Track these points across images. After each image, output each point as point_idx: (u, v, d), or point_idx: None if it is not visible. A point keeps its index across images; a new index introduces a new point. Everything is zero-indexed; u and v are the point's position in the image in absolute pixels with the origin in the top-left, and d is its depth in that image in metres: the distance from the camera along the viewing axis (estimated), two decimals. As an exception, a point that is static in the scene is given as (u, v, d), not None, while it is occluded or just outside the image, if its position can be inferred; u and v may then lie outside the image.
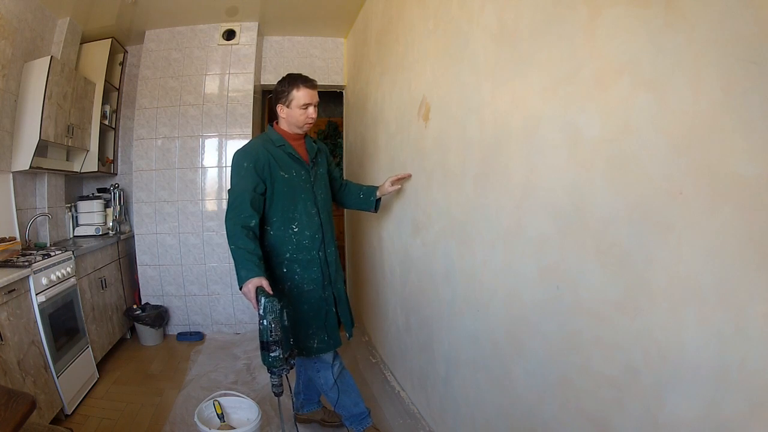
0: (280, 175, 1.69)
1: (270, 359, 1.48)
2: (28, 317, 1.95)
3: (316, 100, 1.74)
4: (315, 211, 1.77)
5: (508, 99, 1.27)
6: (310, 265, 1.75)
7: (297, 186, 1.72)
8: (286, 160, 1.72)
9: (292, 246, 1.73)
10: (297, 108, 1.71)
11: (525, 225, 1.22)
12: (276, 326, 1.45)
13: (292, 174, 1.72)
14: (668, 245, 0.79)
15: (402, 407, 2.19)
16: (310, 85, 1.72)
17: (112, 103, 3.50)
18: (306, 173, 1.76)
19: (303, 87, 1.71)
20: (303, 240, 1.74)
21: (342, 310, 1.86)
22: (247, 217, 1.62)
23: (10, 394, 1.05)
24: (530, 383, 1.23)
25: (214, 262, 3.32)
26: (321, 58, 3.67)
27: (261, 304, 1.45)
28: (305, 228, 1.74)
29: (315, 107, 1.74)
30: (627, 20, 0.86)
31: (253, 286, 1.49)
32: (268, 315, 1.44)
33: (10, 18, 2.35)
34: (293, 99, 1.71)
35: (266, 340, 1.46)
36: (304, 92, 1.70)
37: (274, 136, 1.76)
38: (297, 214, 1.73)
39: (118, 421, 2.10)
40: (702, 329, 0.74)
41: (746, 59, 0.65)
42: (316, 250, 1.76)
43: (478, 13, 1.42)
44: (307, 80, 1.72)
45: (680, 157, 0.76)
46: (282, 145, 1.73)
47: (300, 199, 1.73)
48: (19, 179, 2.56)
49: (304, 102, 1.71)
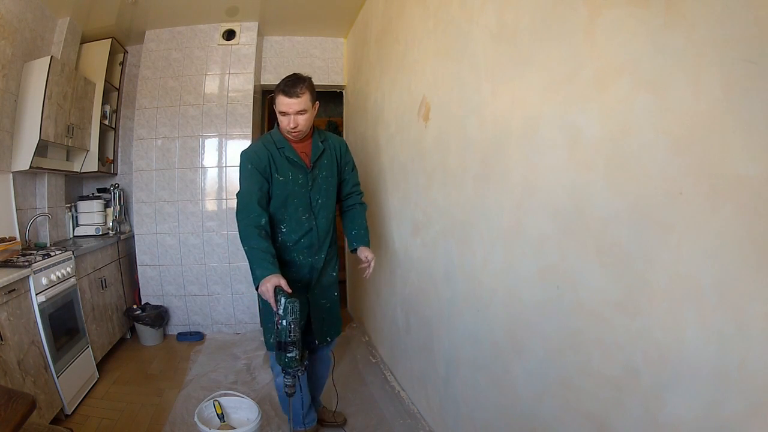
0: (275, 177, 1.68)
1: (286, 359, 1.46)
2: (28, 317, 1.94)
3: (295, 109, 1.60)
4: (308, 216, 1.72)
5: (508, 99, 1.28)
6: (289, 266, 1.72)
7: (291, 190, 1.69)
8: (283, 163, 1.69)
9: (276, 244, 1.70)
10: (278, 114, 1.65)
11: (525, 225, 1.22)
12: (295, 327, 1.44)
13: (288, 177, 1.69)
14: (668, 245, 0.79)
15: (402, 407, 2.19)
16: (286, 93, 1.58)
17: (112, 103, 3.50)
18: (304, 177, 1.71)
19: (280, 94, 1.60)
20: (287, 241, 1.72)
21: (316, 317, 1.79)
22: (257, 216, 1.61)
23: (10, 394, 1.05)
24: (530, 383, 1.23)
25: (214, 262, 3.32)
26: (321, 58, 3.66)
27: (281, 305, 1.43)
28: (292, 231, 1.72)
29: (295, 117, 1.61)
30: (627, 20, 0.86)
31: (272, 285, 1.47)
32: (288, 315, 1.42)
33: (10, 18, 2.35)
34: (275, 104, 1.64)
35: (284, 341, 1.44)
36: (281, 99, 1.60)
37: (277, 137, 1.72)
38: (287, 216, 1.71)
39: (118, 421, 2.10)
40: (702, 329, 0.74)
41: (746, 59, 0.65)
42: (298, 253, 1.73)
43: (478, 13, 1.42)
44: (289, 85, 1.59)
45: (680, 157, 0.76)
46: (282, 147, 1.70)
47: (291, 204, 1.70)
48: (19, 179, 2.56)
49: (281, 110, 1.62)
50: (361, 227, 1.87)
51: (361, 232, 1.86)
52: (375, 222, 2.72)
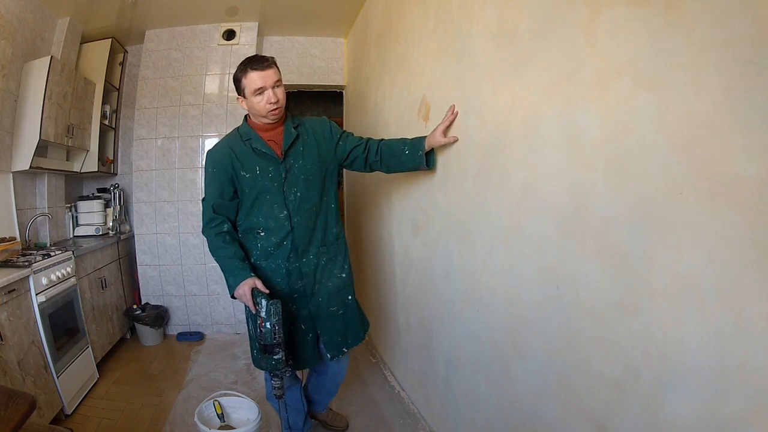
0: (241, 175, 1.52)
1: (273, 362, 1.44)
2: (28, 317, 1.95)
3: (273, 80, 1.46)
4: (284, 214, 1.54)
5: (508, 99, 1.27)
6: (274, 274, 1.58)
7: (261, 186, 1.53)
8: (249, 157, 1.53)
9: (257, 252, 1.58)
10: (252, 96, 1.48)
11: (525, 225, 1.22)
12: (279, 328, 1.41)
13: (255, 172, 1.52)
14: (668, 245, 0.79)
15: (402, 407, 2.19)
16: (260, 66, 1.45)
17: (112, 103, 3.50)
18: (275, 169, 1.53)
19: (251, 71, 1.45)
20: (268, 246, 1.57)
21: (325, 328, 1.64)
22: (217, 225, 1.55)
23: (10, 394, 1.05)
24: (530, 383, 1.23)
25: (214, 262, 3.28)
26: (321, 58, 3.67)
27: (263, 307, 1.39)
28: (271, 234, 1.55)
29: (275, 89, 1.48)
30: (627, 20, 0.86)
31: (249, 288, 1.43)
32: (272, 317, 1.39)
33: (10, 18, 2.35)
34: (245, 87, 1.48)
35: (269, 343, 1.41)
36: (254, 75, 1.45)
37: (243, 129, 1.58)
38: (261, 218, 1.55)
39: (118, 421, 2.10)
40: (702, 329, 0.74)
41: (746, 59, 0.65)
42: (281, 258, 1.57)
43: (478, 13, 1.42)
44: (256, 61, 1.47)
45: (680, 157, 0.76)
46: (248, 139, 1.54)
47: (264, 201, 1.53)
48: (19, 179, 2.56)
49: (256, 87, 1.46)
50: (405, 140, 1.65)
51: (410, 140, 1.63)
52: (375, 222, 2.71)
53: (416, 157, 1.61)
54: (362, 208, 2.97)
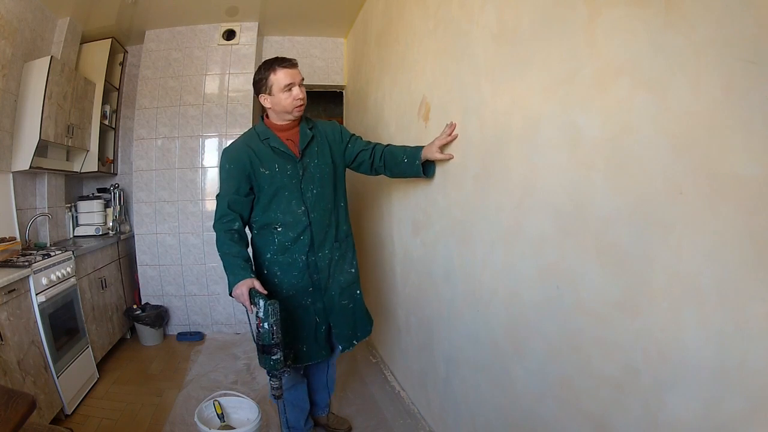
0: (261, 172, 1.58)
1: (271, 362, 1.45)
2: (28, 317, 1.94)
3: (299, 78, 1.57)
4: (302, 210, 1.61)
5: (508, 99, 1.28)
6: (290, 268, 1.63)
7: (279, 183, 1.59)
8: (268, 155, 1.59)
9: (274, 247, 1.63)
10: (280, 92, 1.55)
11: (525, 225, 1.22)
12: (277, 329, 1.41)
13: (274, 170, 1.59)
14: (668, 245, 0.79)
15: (402, 407, 2.19)
16: (289, 65, 1.55)
17: (112, 103, 3.50)
18: (293, 167, 1.60)
19: (280, 68, 1.54)
20: (285, 241, 1.62)
21: (338, 321, 1.70)
22: (228, 222, 1.57)
23: (10, 394, 1.05)
24: (530, 383, 1.23)
25: (214, 262, 3.31)
26: (321, 58, 3.67)
27: (260, 307, 1.40)
28: (289, 229, 1.61)
29: (301, 87, 1.58)
30: (627, 20, 0.86)
31: (246, 288, 1.44)
32: (270, 318, 1.40)
33: (10, 18, 2.35)
34: (273, 84, 1.55)
35: (268, 344, 1.42)
36: (283, 73, 1.54)
37: (260, 129, 1.64)
38: (279, 213, 1.60)
39: (118, 421, 2.10)
40: (702, 329, 0.74)
41: (746, 59, 0.65)
42: (299, 253, 1.62)
43: (478, 13, 1.42)
44: (284, 60, 1.56)
45: (680, 157, 0.76)
46: (266, 138, 1.61)
47: (283, 198, 1.59)
48: (19, 179, 2.56)
49: (286, 83, 1.54)
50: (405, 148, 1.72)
51: (410, 149, 1.69)
52: (375, 222, 2.71)
53: (414, 166, 1.68)
54: (362, 208, 2.97)
